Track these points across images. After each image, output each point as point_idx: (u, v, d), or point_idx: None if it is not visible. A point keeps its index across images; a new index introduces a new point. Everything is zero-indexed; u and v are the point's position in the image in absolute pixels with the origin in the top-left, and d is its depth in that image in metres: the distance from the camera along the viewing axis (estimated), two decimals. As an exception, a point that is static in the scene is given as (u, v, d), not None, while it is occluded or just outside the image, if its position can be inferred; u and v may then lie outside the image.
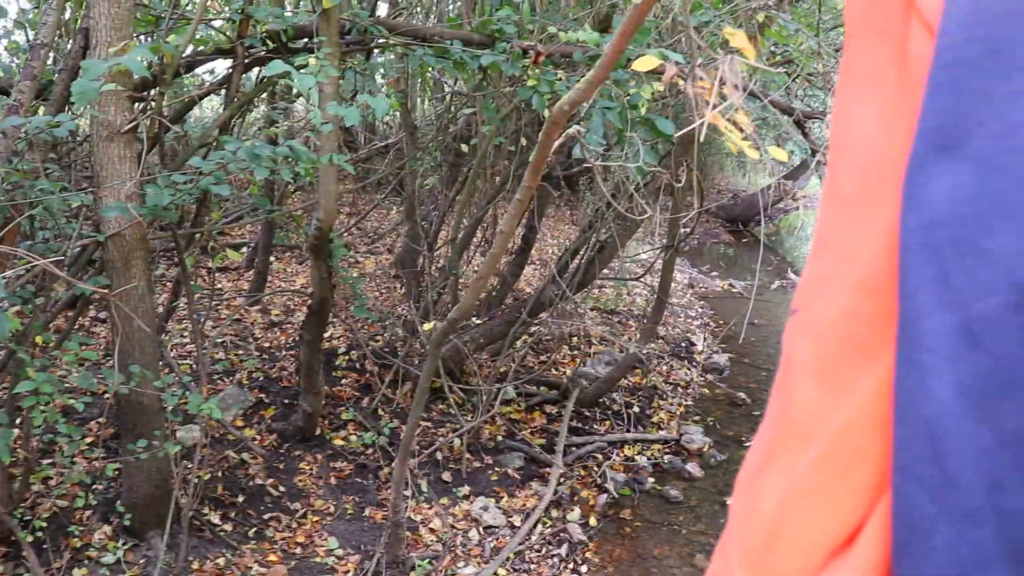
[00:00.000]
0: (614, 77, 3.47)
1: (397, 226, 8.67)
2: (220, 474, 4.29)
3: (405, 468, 3.58)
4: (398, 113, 6.08)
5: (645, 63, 1.86)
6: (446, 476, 4.76)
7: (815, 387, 0.69)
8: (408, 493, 4.49)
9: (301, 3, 5.81)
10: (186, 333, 5.50)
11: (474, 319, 5.49)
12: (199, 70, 5.49)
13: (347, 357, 5.54)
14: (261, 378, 5.20)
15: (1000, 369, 0.54)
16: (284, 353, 5.57)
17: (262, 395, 5.02)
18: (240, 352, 5.50)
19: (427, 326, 4.14)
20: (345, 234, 9.02)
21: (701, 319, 8.59)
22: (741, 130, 1.88)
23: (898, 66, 0.70)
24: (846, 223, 0.74)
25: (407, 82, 5.43)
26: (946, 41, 0.61)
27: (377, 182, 9.20)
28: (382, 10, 6.71)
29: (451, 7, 6.42)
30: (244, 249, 7.84)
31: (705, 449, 5.59)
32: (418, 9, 6.78)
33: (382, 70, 5.33)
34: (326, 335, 5.76)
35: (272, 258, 7.76)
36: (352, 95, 5.52)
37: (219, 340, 5.56)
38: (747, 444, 5.58)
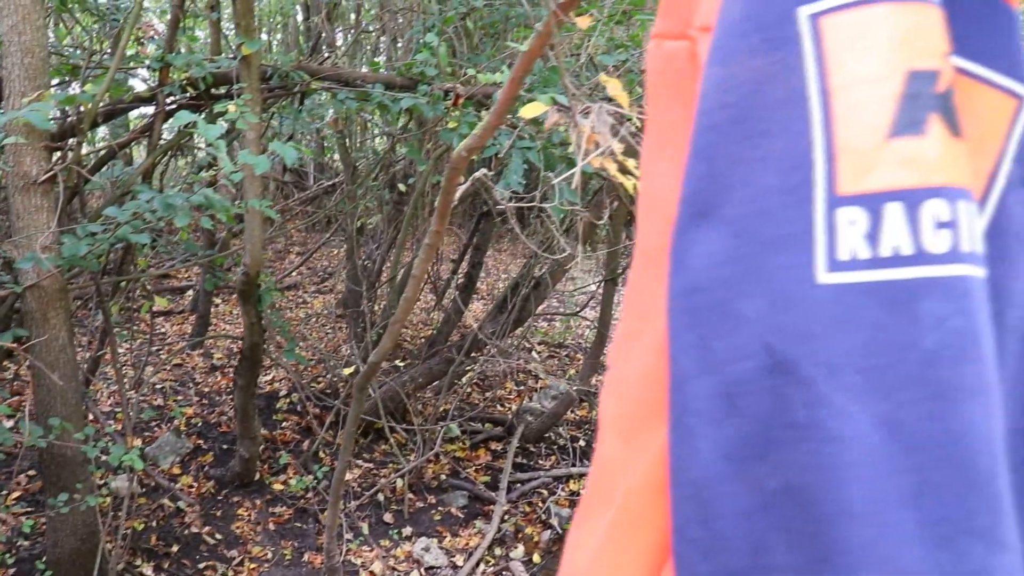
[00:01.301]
0: (540, 117, 3.53)
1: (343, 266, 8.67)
2: (155, 524, 4.22)
3: (337, 512, 3.55)
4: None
5: (532, 109, 1.90)
6: (388, 517, 4.72)
7: (619, 445, 0.70)
8: (350, 536, 4.45)
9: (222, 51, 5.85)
10: (124, 380, 5.42)
11: (415, 358, 5.49)
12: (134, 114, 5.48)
13: (288, 400, 5.50)
14: (200, 424, 5.14)
15: (757, 431, 0.55)
16: (224, 398, 5.51)
17: (200, 441, 4.96)
18: (180, 398, 5.44)
19: (347, 371, 4.13)
20: (295, 274, 8.99)
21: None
22: (632, 173, 1.93)
23: (690, 124, 0.72)
24: (647, 281, 0.76)
25: (346, 123, 5.45)
26: (703, 107, 0.63)
27: (327, 221, 9.20)
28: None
29: (386, 52, 6.48)
30: (190, 292, 7.77)
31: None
32: (362, 51, 6.84)
33: (331, 110, 5.37)
34: (267, 378, 5.73)
35: (219, 300, 7.70)
36: (288, 137, 5.55)
37: (159, 386, 5.49)
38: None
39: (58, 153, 3.14)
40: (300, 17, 9.88)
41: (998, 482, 0.51)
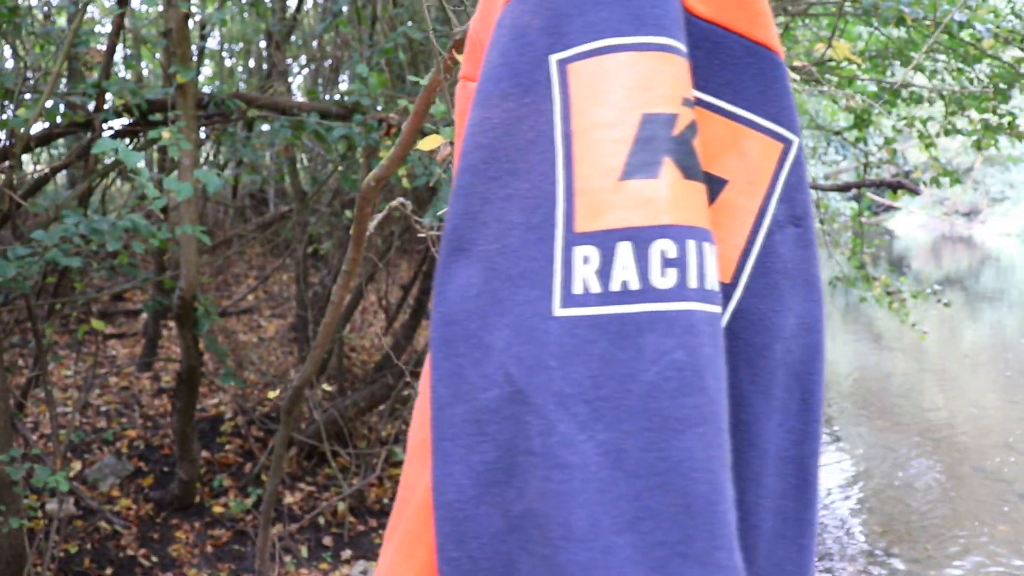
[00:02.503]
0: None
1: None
2: (89, 547, 4.21)
3: (268, 534, 3.58)
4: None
5: (429, 142, 1.99)
6: (327, 540, 4.74)
7: (417, 467, 0.74)
8: (288, 559, 4.47)
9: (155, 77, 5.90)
10: (68, 402, 5.42)
11: (364, 383, 5.53)
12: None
13: (233, 423, 5.51)
14: (142, 446, 5.14)
15: (502, 457, 0.58)
16: (168, 420, 5.51)
17: (141, 463, 4.96)
18: (124, 420, 5.43)
19: (271, 394, 4.18)
20: (251, 298, 8.98)
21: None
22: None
23: None
24: None
25: (293, 150, 5.53)
26: (464, 148, 0.68)
27: (286, 246, 9.21)
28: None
29: (326, 81, 6.56)
30: (144, 316, 7.75)
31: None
32: (316, 80, 6.92)
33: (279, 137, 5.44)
34: (213, 402, 5.74)
35: (172, 323, 7.69)
36: (238, 163, 5.60)
37: (103, 409, 5.48)
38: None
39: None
40: (264, 44, 9.95)
41: (718, 508, 0.53)
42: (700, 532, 0.52)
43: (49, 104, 3.38)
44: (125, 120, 3.70)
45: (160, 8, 3.27)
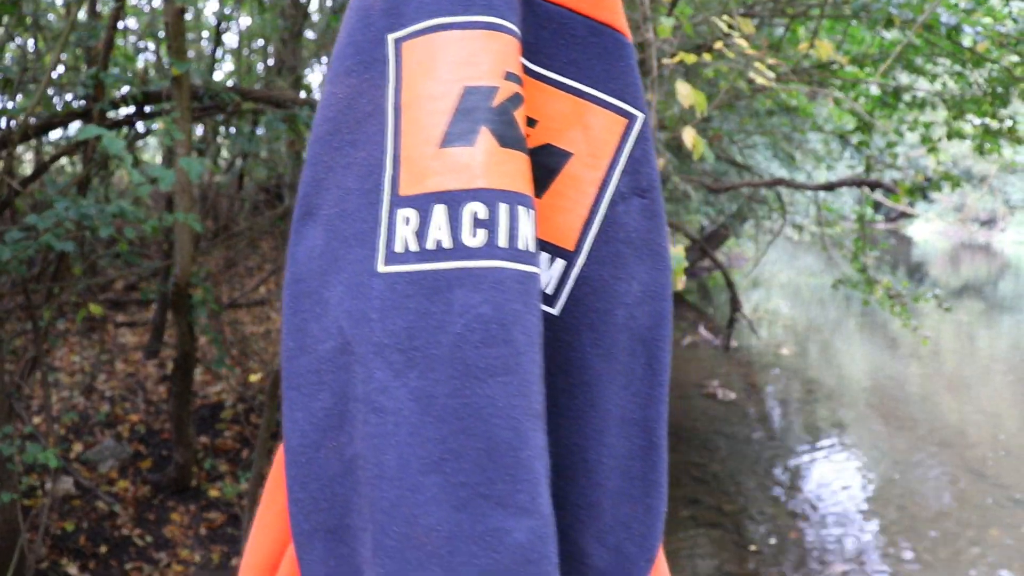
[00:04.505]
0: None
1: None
2: (86, 525, 4.31)
3: (254, 517, 3.66)
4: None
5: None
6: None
7: None
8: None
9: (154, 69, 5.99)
10: (75, 387, 5.53)
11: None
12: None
13: (233, 410, 5.61)
14: (143, 431, 5.25)
15: (336, 404, 0.63)
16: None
17: (141, 447, 5.07)
18: (127, 405, 5.54)
19: (253, 377, 4.25)
20: (262, 290, 9.09)
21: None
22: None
23: None
24: None
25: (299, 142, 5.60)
26: (315, 120, 0.74)
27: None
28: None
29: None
30: (155, 305, 7.86)
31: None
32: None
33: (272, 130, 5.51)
34: (216, 389, 5.83)
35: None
36: (243, 156, 5.69)
37: (108, 394, 5.60)
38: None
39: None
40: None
41: (520, 454, 0.57)
42: (501, 475, 0.56)
43: (52, 94, 3.46)
44: (128, 110, 3.79)
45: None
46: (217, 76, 7.42)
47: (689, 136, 2.62)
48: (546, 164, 0.73)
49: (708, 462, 6.43)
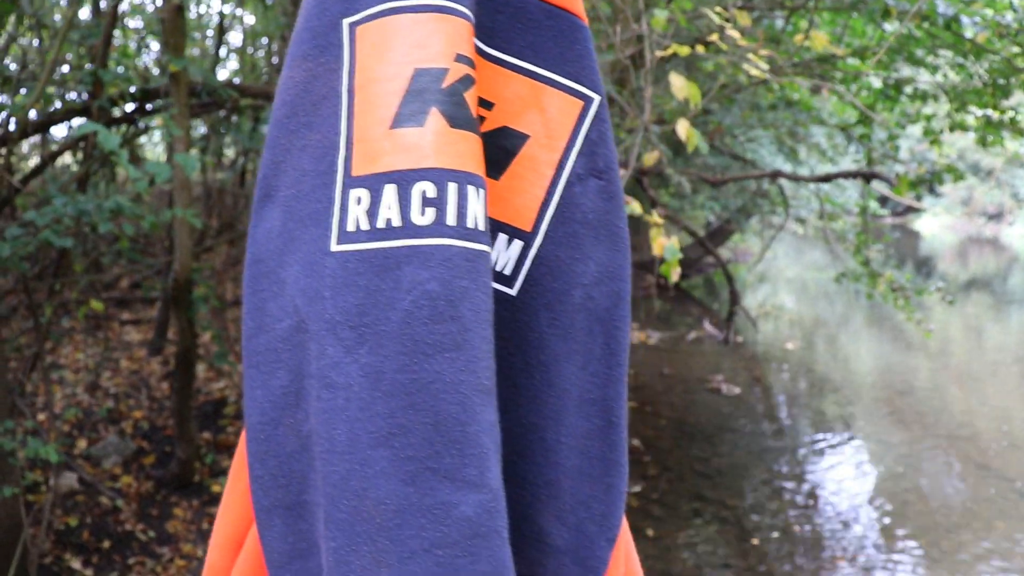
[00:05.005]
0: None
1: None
2: (90, 520, 4.34)
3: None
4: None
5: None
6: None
7: None
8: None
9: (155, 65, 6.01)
10: (79, 384, 5.57)
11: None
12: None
13: (236, 406, 5.63)
14: (147, 427, 5.28)
15: (292, 382, 0.64)
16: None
17: (144, 443, 5.10)
18: (131, 401, 5.57)
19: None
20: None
21: (612, 369, 8.77)
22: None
23: None
24: None
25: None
26: (274, 104, 0.75)
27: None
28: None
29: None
30: (158, 302, 7.91)
31: (588, 494, 5.71)
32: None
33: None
34: (220, 385, 5.86)
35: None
36: (245, 153, 5.71)
37: (112, 391, 5.63)
38: (632, 489, 5.74)
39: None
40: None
41: (468, 429, 0.58)
42: (448, 449, 0.57)
43: (54, 92, 3.48)
44: (128, 107, 3.81)
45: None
46: (222, 75, 7.45)
47: (683, 128, 2.63)
48: (504, 146, 0.74)
49: (712, 456, 6.43)
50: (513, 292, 0.74)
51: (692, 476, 5.95)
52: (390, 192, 0.61)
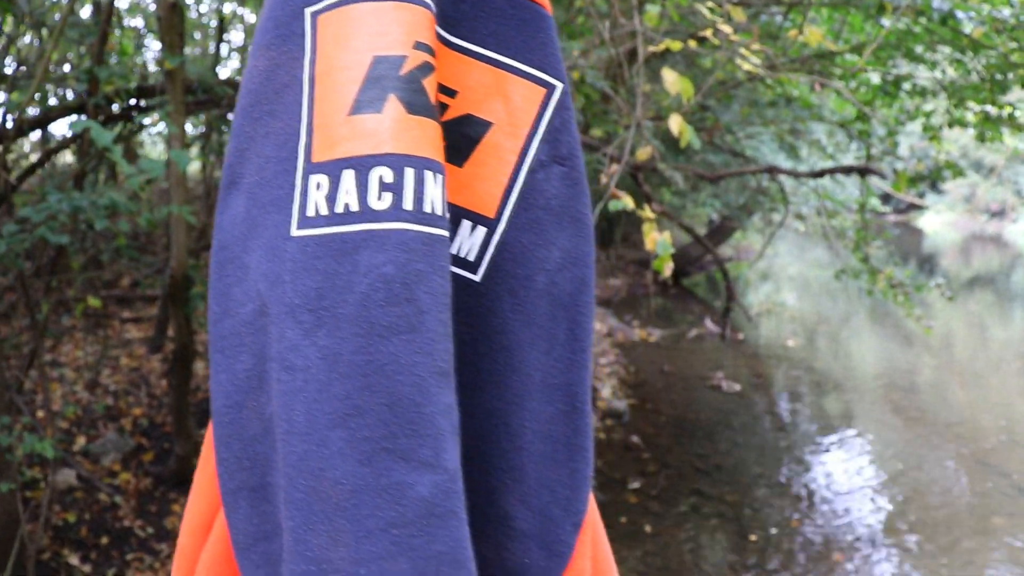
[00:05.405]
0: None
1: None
2: (88, 516, 4.36)
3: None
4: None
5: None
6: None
7: None
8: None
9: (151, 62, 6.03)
10: (79, 381, 5.59)
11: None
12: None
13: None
14: (146, 424, 5.30)
15: (255, 365, 0.65)
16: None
17: (143, 440, 5.12)
18: (130, 399, 5.59)
19: None
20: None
21: (612, 367, 8.78)
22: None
23: None
24: None
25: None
26: (240, 93, 0.76)
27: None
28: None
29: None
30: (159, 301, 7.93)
31: (586, 491, 5.71)
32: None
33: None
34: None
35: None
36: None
37: (112, 388, 5.65)
38: (631, 485, 5.74)
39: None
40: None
41: (424, 410, 0.58)
42: (404, 430, 0.58)
43: (50, 89, 3.50)
44: (125, 104, 3.82)
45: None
46: (224, 73, 7.46)
47: (676, 123, 2.63)
48: (467, 134, 0.75)
49: (711, 454, 6.43)
50: (477, 278, 0.75)
51: (691, 473, 5.95)
52: (348, 177, 0.62)
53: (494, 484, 0.75)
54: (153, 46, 6.11)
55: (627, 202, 2.60)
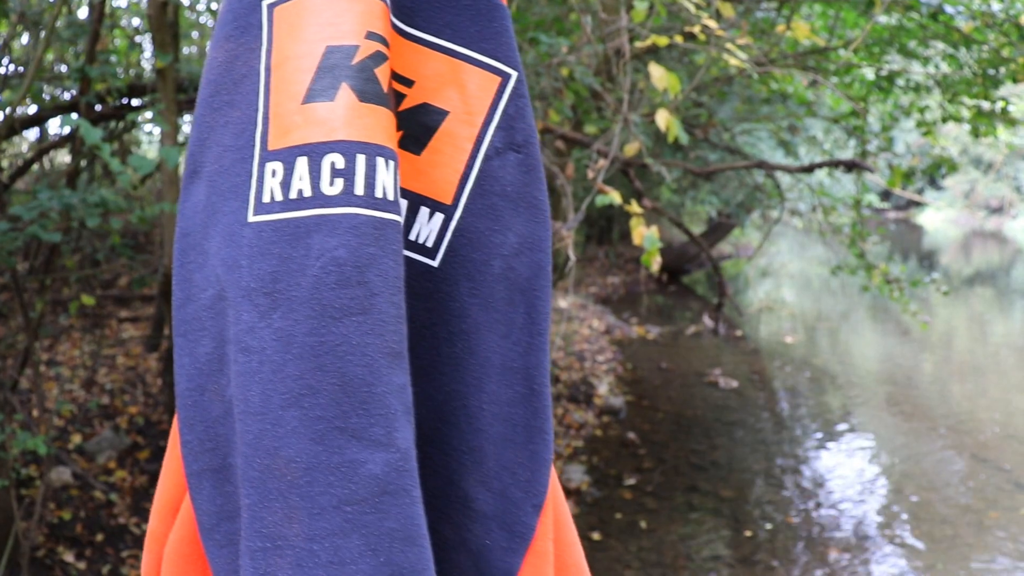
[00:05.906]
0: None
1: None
2: (83, 514, 4.37)
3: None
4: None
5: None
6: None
7: None
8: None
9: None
10: (76, 380, 5.60)
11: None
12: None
13: (232, 401, 5.66)
14: (142, 422, 5.31)
15: (216, 348, 0.67)
16: (168, 398, 5.68)
17: (139, 438, 5.13)
18: (127, 397, 5.61)
19: None
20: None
21: (609, 364, 8.79)
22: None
23: None
24: None
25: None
26: (200, 84, 0.78)
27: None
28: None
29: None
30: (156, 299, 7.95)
31: (583, 487, 5.74)
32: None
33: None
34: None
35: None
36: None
37: (108, 387, 5.66)
38: (627, 482, 5.75)
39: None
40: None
41: (375, 390, 0.60)
42: (355, 409, 0.59)
43: (42, 89, 3.51)
44: (116, 103, 3.84)
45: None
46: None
47: (662, 118, 2.65)
48: (424, 122, 0.76)
49: (708, 449, 6.44)
50: (435, 263, 0.77)
51: (688, 469, 5.96)
52: (302, 164, 0.64)
53: (454, 466, 0.77)
54: (150, 45, 6.12)
55: (614, 197, 2.61)
